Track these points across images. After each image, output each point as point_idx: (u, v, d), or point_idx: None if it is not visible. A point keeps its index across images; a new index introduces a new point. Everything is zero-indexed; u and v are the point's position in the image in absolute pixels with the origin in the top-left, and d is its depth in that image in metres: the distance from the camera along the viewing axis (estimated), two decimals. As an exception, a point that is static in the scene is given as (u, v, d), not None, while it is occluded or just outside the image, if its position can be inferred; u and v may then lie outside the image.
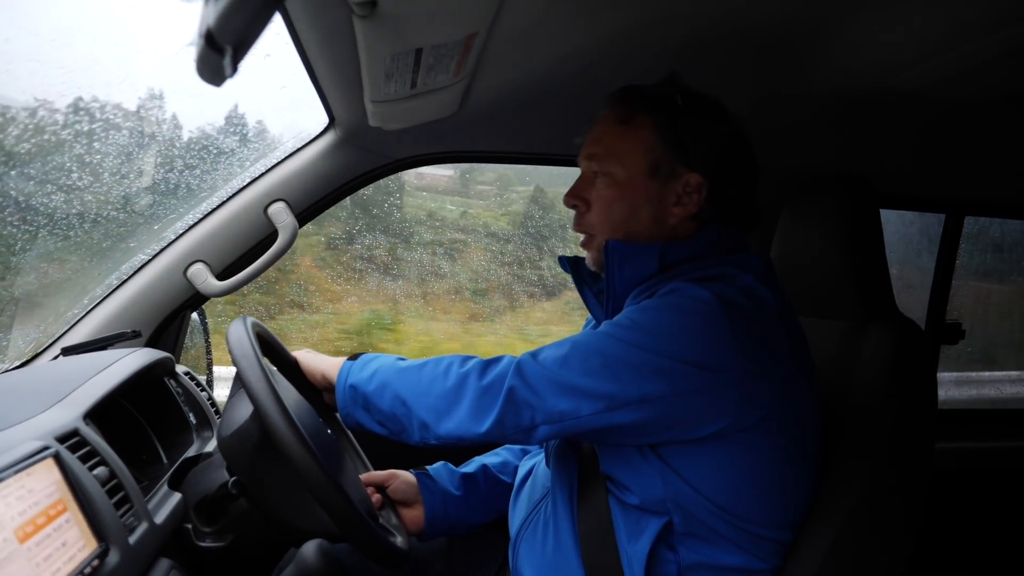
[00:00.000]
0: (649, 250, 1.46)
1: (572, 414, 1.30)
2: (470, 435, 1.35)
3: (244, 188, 2.08)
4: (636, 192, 1.49)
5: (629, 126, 1.50)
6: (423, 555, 1.80)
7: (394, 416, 1.42)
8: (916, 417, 1.51)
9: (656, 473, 1.38)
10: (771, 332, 1.38)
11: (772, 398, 1.33)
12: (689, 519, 1.38)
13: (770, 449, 1.36)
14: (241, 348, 1.32)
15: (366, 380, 1.46)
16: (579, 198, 1.56)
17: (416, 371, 1.43)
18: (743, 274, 1.41)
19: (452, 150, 2.26)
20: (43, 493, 1.04)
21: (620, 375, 1.29)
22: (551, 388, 1.31)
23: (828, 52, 1.68)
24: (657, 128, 1.48)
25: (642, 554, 1.39)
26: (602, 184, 1.52)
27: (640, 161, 1.49)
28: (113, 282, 2.04)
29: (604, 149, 1.52)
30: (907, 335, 1.54)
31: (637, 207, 1.49)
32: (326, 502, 1.25)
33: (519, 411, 1.32)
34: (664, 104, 1.49)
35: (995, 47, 1.49)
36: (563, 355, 1.34)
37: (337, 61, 1.49)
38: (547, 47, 1.63)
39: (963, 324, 3.06)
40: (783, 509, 1.42)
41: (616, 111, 1.52)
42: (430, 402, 1.38)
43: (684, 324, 1.32)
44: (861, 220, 1.62)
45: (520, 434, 1.34)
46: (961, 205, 2.90)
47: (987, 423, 3.20)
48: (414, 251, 4.94)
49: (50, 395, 1.34)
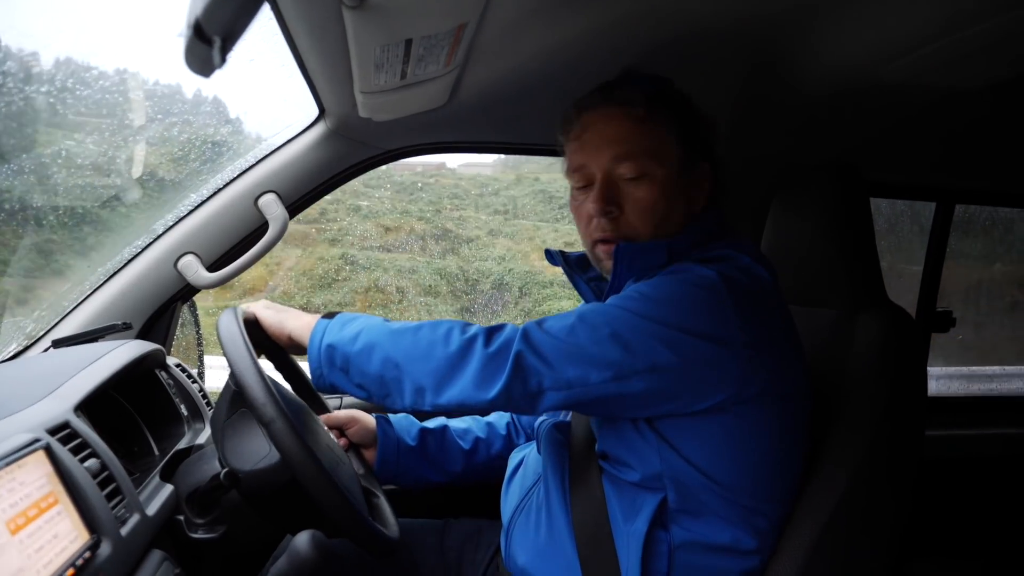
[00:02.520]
0: (658, 247, 1.46)
1: (580, 381, 1.30)
2: (474, 402, 1.33)
3: (234, 180, 2.08)
4: (673, 188, 1.49)
5: (649, 123, 1.48)
6: (417, 544, 1.81)
7: (382, 380, 1.37)
8: (906, 404, 1.52)
9: (653, 448, 1.40)
10: (769, 309, 1.41)
11: (770, 372, 1.36)
12: (683, 495, 1.40)
13: (765, 423, 1.39)
14: (232, 341, 1.32)
15: (348, 340, 1.40)
16: (615, 204, 1.49)
17: (411, 334, 1.38)
18: (741, 255, 1.43)
19: (442, 141, 2.26)
20: (34, 485, 1.04)
21: (629, 344, 1.29)
22: (559, 355, 1.30)
23: (817, 42, 1.68)
24: (675, 121, 1.50)
25: (640, 533, 1.41)
26: (641, 185, 1.48)
27: (672, 156, 1.49)
28: (103, 274, 2.03)
29: (636, 148, 1.47)
30: (897, 323, 1.55)
31: (674, 201, 1.50)
32: (318, 496, 1.26)
33: (526, 378, 1.30)
34: (669, 96, 1.52)
35: (983, 36, 1.50)
36: (570, 324, 1.33)
37: (327, 52, 1.48)
38: (537, 38, 1.63)
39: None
40: (773, 483, 1.44)
41: (630, 109, 1.48)
42: (430, 367, 1.34)
43: (691, 296, 1.34)
44: (851, 209, 1.63)
45: (526, 401, 1.32)
46: (951, 193, 2.91)
47: (974, 411, 3.22)
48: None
49: (41, 387, 1.33)
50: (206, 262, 2.06)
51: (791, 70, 1.84)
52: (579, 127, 1.53)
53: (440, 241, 5.04)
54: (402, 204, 4.99)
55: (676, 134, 1.49)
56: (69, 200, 2.30)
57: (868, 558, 1.51)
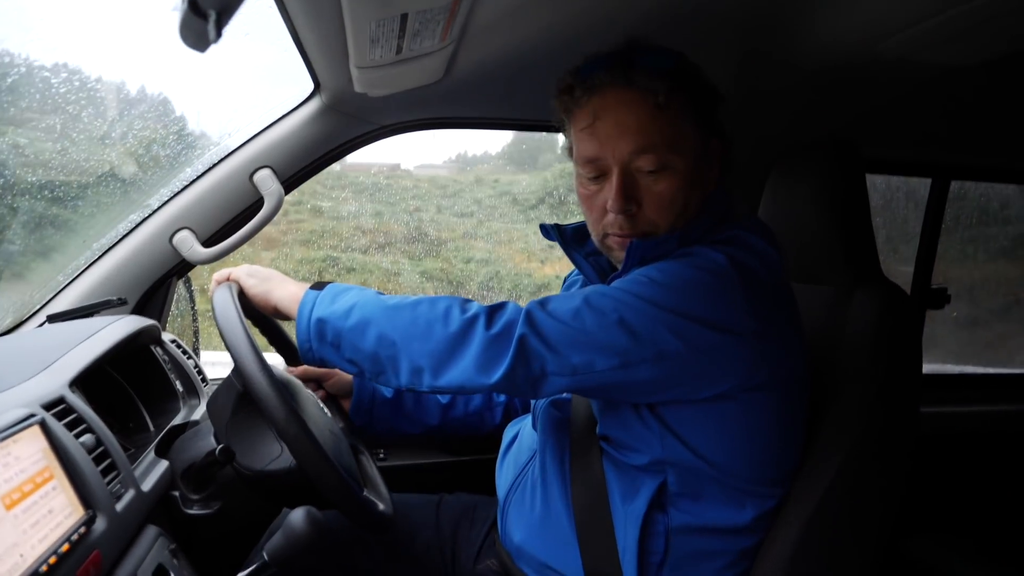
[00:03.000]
0: (670, 240, 1.42)
1: (586, 368, 1.27)
2: (474, 385, 1.29)
3: (229, 155, 2.07)
4: (693, 177, 1.43)
5: (669, 111, 1.38)
6: (412, 520, 1.81)
7: (376, 357, 1.33)
8: (902, 381, 1.52)
9: (655, 434, 1.40)
10: (779, 293, 1.40)
11: (776, 360, 1.35)
12: (683, 479, 1.41)
13: (769, 409, 1.39)
14: (226, 316, 1.32)
15: (341, 315, 1.35)
16: (634, 201, 1.42)
17: (409, 311, 1.33)
18: (751, 236, 1.41)
19: (438, 116, 2.25)
20: (29, 460, 1.04)
21: (636, 331, 1.26)
22: (564, 340, 1.27)
23: (814, 18, 1.68)
24: (691, 105, 1.41)
25: (638, 514, 1.41)
26: (661, 179, 1.40)
27: (691, 144, 1.42)
28: (98, 249, 2.03)
29: (658, 139, 1.38)
30: (893, 300, 1.55)
31: (694, 189, 1.43)
32: (313, 473, 1.26)
33: (530, 362, 1.27)
34: (687, 75, 1.42)
35: (980, 12, 1.49)
36: (576, 307, 1.29)
37: (322, 26, 1.47)
38: (533, 13, 1.62)
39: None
40: (774, 466, 1.45)
41: (649, 95, 1.38)
42: (429, 347, 1.30)
43: (700, 283, 1.31)
44: (847, 185, 1.62)
45: (529, 385, 1.30)
46: (947, 169, 2.91)
47: (969, 388, 3.23)
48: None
49: (35, 363, 1.33)
50: (201, 237, 2.06)
51: (788, 46, 1.84)
52: (589, 113, 1.42)
53: (415, 243, 5.01)
54: (372, 206, 4.95)
55: (693, 117, 1.42)
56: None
57: (863, 534, 1.52)
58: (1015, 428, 3.02)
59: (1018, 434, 3.01)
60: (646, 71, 1.38)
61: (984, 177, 3.21)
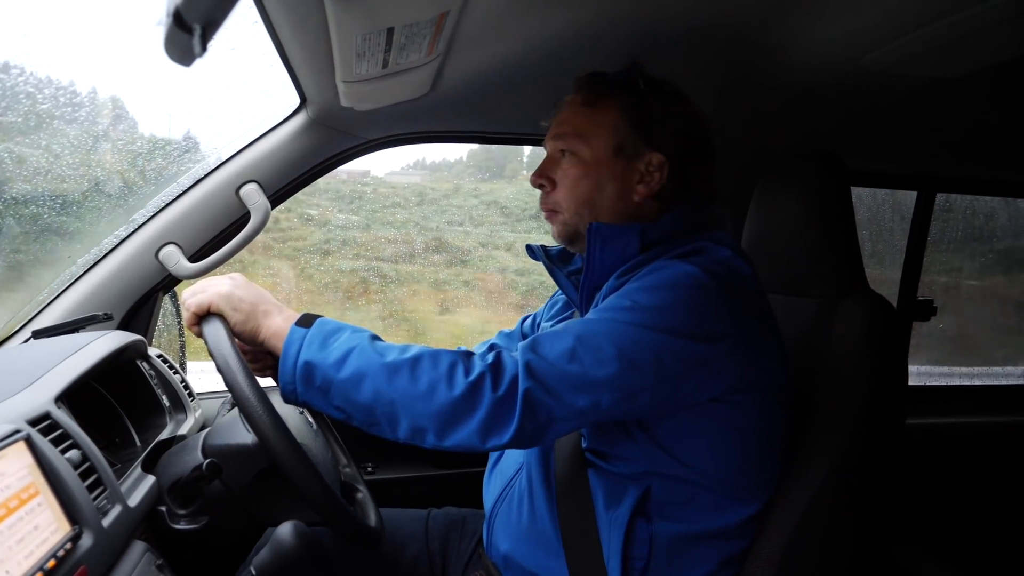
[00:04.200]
0: (630, 231, 1.47)
1: (592, 408, 1.27)
2: (483, 446, 1.27)
3: (215, 169, 2.07)
4: (601, 170, 1.52)
5: (595, 108, 1.53)
6: (400, 534, 1.81)
7: (370, 411, 1.28)
8: (887, 393, 1.53)
9: (640, 447, 1.41)
10: (754, 301, 1.42)
11: (757, 365, 1.37)
12: (668, 487, 1.42)
13: (750, 415, 1.40)
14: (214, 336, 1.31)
15: (333, 364, 1.29)
16: (545, 177, 1.58)
17: (408, 371, 1.27)
18: (720, 248, 1.44)
19: (424, 131, 2.25)
20: (15, 476, 1.04)
21: (635, 361, 1.27)
22: (566, 386, 1.26)
23: (799, 31, 1.69)
24: (622, 110, 1.51)
25: (622, 521, 1.41)
26: (568, 163, 1.54)
27: (606, 141, 1.52)
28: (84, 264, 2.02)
29: (571, 129, 1.54)
30: (879, 312, 1.56)
31: (602, 184, 1.52)
32: (305, 491, 1.26)
33: (536, 413, 1.25)
34: (628, 88, 1.52)
35: (964, 24, 1.51)
36: (570, 348, 1.28)
37: (308, 40, 1.48)
38: (519, 27, 1.63)
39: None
40: (756, 472, 1.46)
41: (583, 94, 1.55)
42: (432, 409, 1.26)
43: (683, 299, 1.32)
44: (832, 198, 1.63)
45: (536, 434, 1.28)
46: (932, 182, 2.92)
47: (955, 399, 3.24)
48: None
49: (21, 378, 1.32)
50: (187, 252, 2.05)
51: (773, 59, 1.85)
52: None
53: (437, 253, 4.95)
54: (380, 215, 4.88)
55: (623, 120, 1.52)
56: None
57: (849, 544, 1.52)
58: (1002, 439, 3.04)
59: (1005, 445, 3.02)
60: (595, 79, 1.56)
61: (969, 190, 3.23)
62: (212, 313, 1.37)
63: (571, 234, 1.57)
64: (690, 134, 1.53)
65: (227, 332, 1.33)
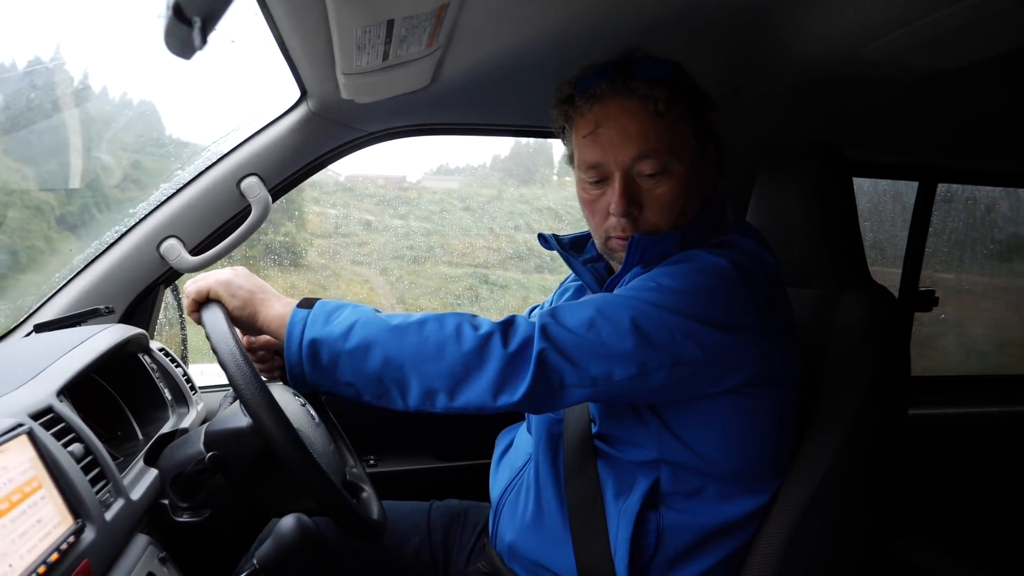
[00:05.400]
0: (671, 237, 1.45)
1: (605, 378, 1.26)
2: (493, 405, 1.26)
3: (216, 163, 2.07)
4: (692, 180, 1.47)
5: (668, 117, 1.43)
6: (402, 526, 1.81)
7: (380, 380, 1.28)
8: (889, 382, 1.53)
9: (653, 433, 1.41)
10: (776, 293, 1.42)
11: (776, 357, 1.37)
12: (678, 477, 1.42)
13: (764, 406, 1.40)
14: (216, 327, 1.31)
15: (338, 336, 1.29)
16: (635, 204, 1.46)
17: (416, 331, 1.28)
18: (746, 241, 1.45)
19: (425, 123, 2.25)
20: (17, 470, 1.04)
21: (652, 338, 1.27)
22: (582, 352, 1.26)
23: (799, 21, 1.68)
24: (688, 111, 1.47)
25: (632, 511, 1.42)
26: (662, 182, 1.44)
27: (689, 148, 1.47)
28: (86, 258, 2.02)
29: (658, 145, 1.42)
30: (880, 303, 1.56)
31: (693, 192, 1.48)
32: (304, 479, 1.26)
33: (549, 377, 1.25)
34: (683, 82, 1.47)
35: (965, 14, 1.50)
36: (589, 318, 1.29)
37: (308, 33, 1.47)
38: (519, 18, 1.62)
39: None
40: (768, 464, 1.46)
41: (649, 103, 1.42)
42: (443, 368, 1.26)
43: (707, 286, 1.32)
44: (834, 189, 1.63)
45: (549, 400, 1.28)
46: (933, 172, 2.92)
47: (958, 390, 3.24)
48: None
49: (23, 372, 1.33)
50: (189, 245, 2.05)
51: (773, 51, 1.84)
52: (591, 121, 1.47)
53: (525, 260, 4.89)
54: (439, 219, 4.80)
55: (691, 123, 1.47)
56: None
57: (852, 535, 1.53)
58: (1003, 430, 3.04)
59: (1006, 435, 3.02)
60: (645, 80, 1.42)
61: (971, 180, 3.23)
62: (211, 300, 1.37)
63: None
64: (711, 118, 1.53)
65: (225, 316, 1.33)
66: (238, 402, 1.35)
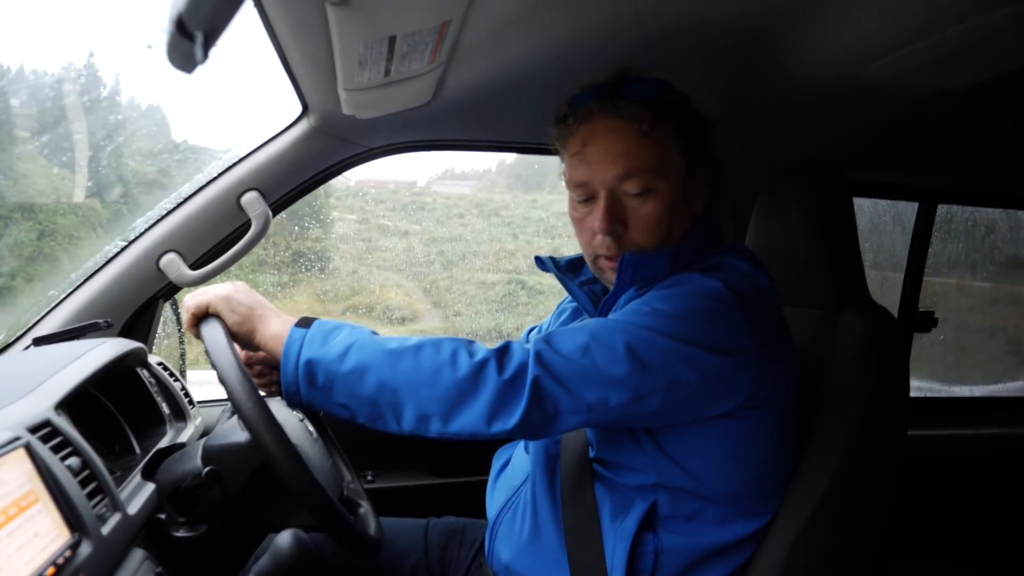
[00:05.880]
0: (661, 257, 1.45)
1: (600, 405, 1.25)
2: (487, 432, 1.25)
3: (217, 177, 2.07)
4: (677, 199, 1.48)
5: (654, 137, 1.44)
6: (399, 543, 1.81)
7: (375, 403, 1.27)
8: (889, 403, 1.53)
9: (650, 458, 1.41)
10: (773, 315, 1.42)
11: (773, 379, 1.36)
12: (676, 500, 1.41)
13: (762, 429, 1.39)
14: (214, 342, 1.31)
15: (335, 358, 1.28)
16: (620, 223, 1.47)
17: (412, 356, 1.27)
18: (741, 263, 1.44)
19: (426, 139, 2.26)
20: (14, 484, 1.04)
21: (647, 363, 1.26)
22: (577, 378, 1.25)
23: (800, 41, 1.69)
24: (677, 132, 1.47)
25: (628, 532, 1.41)
26: (642, 201, 1.45)
27: (678, 170, 1.47)
28: (85, 272, 2.02)
29: (642, 164, 1.43)
30: (880, 323, 1.56)
31: (679, 212, 1.48)
32: (301, 494, 1.25)
33: (543, 403, 1.24)
34: (672, 103, 1.48)
35: (966, 35, 1.51)
36: (584, 344, 1.28)
37: (310, 48, 1.48)
38: (521, 36, 1.63)
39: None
40: (764, 487, 1.45)
41: (635, 123, 1.44)
42: (437, 393, 1.25)
43: (702, 310, 1.32)
44: (834, 209, 1.63)
45: (543, 426, 1.27)
46: (934, 193, 2.93)
47: (957, 411, 3.24)
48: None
49: (21, 385, 1.32)
50: (188, 260, 2.05)
51: (775, 70, 1.85)
52: (579, 140, 1.49)
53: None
54: (463, 224, 4.75)
55: (679, 143, 1.47)
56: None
57: (850, 556, 1.52)
58: (1002, 451, 3.03)
59: (1005, 457, 3.02)
60: (632, 100, 1.43)
61: (971, 201, 3.23)
62: (211, 315, 1.37)
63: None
64: (710, 141, 1.53)
65: (224, 331, 1.33)
66: (236, 417, 1.35)
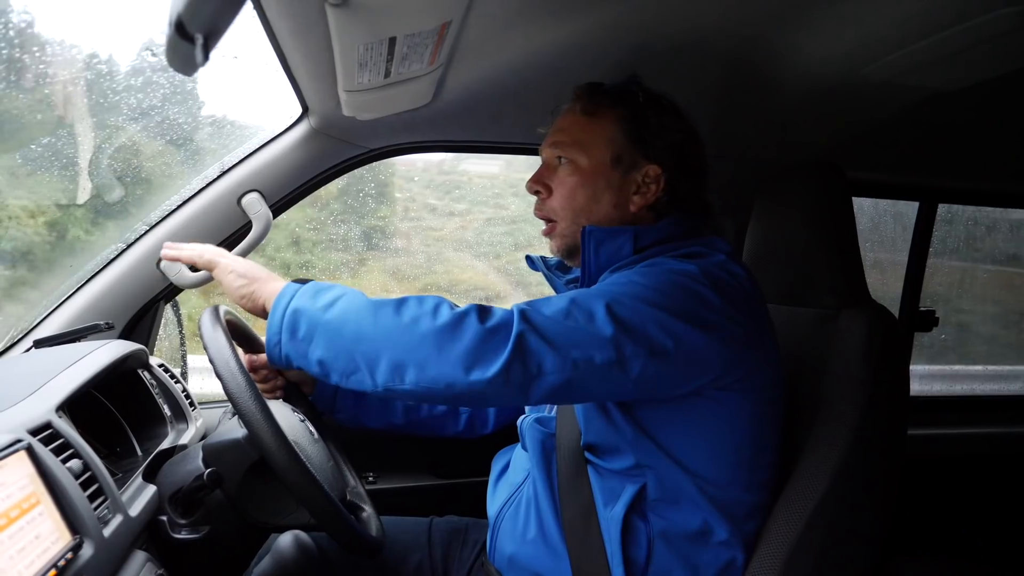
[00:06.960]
0: (623, 232, 1.49)
1: (585, 363, 1.25)
2: (463, 382, 1.22)
3: (217, 179, 2.07)
4: (598, 179, 1.55)
5: (594, 118, 1.56)
6: (402, 542, 1.81)
7: (350, 354, 1.27)
8: (889, 403, 1.53)
9: (630, 439, 1.43)
10: (749, 302, 1.43)
11: (748, 362, 1.39)
12: (661, 483, 1.44)
13: (739, 412, 1.42)
14: (214, 341, 1.31)
15: (320, 308, 1.30)
16: (541, 184, 1.60)
17: (393, 308, 1.28)
18: (715, 253, 1.46)
19: (426, 140, 2.25)
20: (16, 486, 1.03)
21: (628, 326, 1.27)
22: (562, 336, 1.25)
23: (800, 42, 1.69)
24: (621, 121, 1.54)
25: (617, 518, 1.44)
26: (565, 171, 1.57)
27: (604, 151, 1.55)
28: (86, 274, 2.02)
29: (569, 138, 1.57)
30: (880, 322, 1.56)
31: (599, 194, 1.55)
32: (299, 489, 1.25)
33: (527, 360, 1.23)
34: (627, 100, 1.55)
35: (966, 36, 1.51)
36: (565, 307, 1.29)
37: (310, 50, 1.48)
38: (521, 37, 1.63)
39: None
40: (746, 473, 1.47)
41: (582, 104, 1.57)
42: (414, 341, 1.24)
43: (678, 284, 1.35)
44: (834, 208, 1.63)
45: (521, 386, 1.25)
46: (934, 192, 2.92)
47: (957, 410, 3.24)
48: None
49: (22, 388, 1.32)
50: (188, 262, 2.05)
51: (774, 69, 1.85)
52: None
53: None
54: (509, 204, 4.69)
55: (623, 134, 1.54)
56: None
57: (851, 556, 1.52)
58: (1004, 451, 3.03)
59: (1007, 456, 3.02)
60: (595, 90, 1.58)
61: (972, 200, 3.23)
62: (210, 309, 1.41)
63: (570, 247, 1.59)
64: (685, 148, 1.56)
65: (223, 326, 1.34)
66: (236, 417, 1.35)
